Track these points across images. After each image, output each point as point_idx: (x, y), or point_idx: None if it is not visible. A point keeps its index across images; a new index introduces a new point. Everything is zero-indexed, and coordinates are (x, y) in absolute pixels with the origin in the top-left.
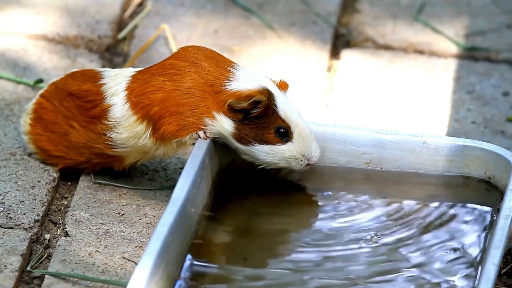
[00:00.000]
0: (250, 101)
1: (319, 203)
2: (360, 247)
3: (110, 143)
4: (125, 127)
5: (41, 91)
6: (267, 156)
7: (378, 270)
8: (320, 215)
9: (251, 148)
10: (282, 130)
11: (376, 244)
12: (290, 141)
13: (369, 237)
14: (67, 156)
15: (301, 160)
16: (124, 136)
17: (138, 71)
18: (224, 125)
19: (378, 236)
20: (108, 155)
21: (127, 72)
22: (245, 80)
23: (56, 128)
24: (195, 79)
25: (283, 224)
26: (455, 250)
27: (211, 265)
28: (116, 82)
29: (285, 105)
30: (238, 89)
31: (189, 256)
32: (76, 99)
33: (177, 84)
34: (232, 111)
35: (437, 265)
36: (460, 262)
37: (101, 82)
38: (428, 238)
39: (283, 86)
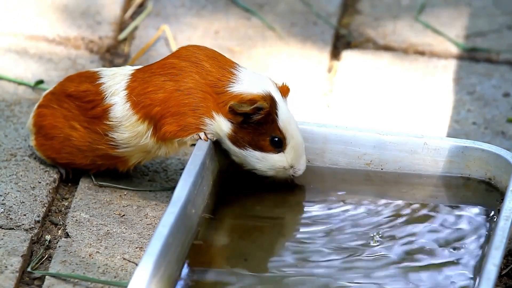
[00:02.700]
0: (252, 106)
1: (320, 204)
2: (361, 247)
3: (113, 144)
4: (127, 126)
5: (37, 103)
6: (258, 162)
7: (379, 269)
8: (321, 216)
9: (244, 152)
10: (278, 140)
11: (378, 244)
12: (283, 151)
13: (370, 236)
14: (73, 162)
15: (288, 171)
16: (126, 136)
17: (138, 70)
18: (221, 126)
19: (380, 235)
20: (112, 156)
21: (126, 71)
22: (248, 83)
23: (57, 133)
24: (196, 79)
25: (284, 224)
26: (455, 250)
27: (211, 266)
28: (115, 81)
29: (285, 116)
30: (241, 92)
31: (189, 257)
32: (75, 100)
33: (178, 84)
34: (232, 113)
35: (437, 265)
36: (461, 262)
37: (99, 81)
38: (428, 238)
39: (284, 90)
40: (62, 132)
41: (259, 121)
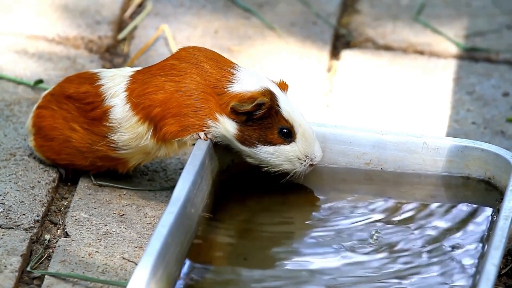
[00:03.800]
0: (253, 104)
1: (319, 203)
2: (360, 246)
3: (113, 145)
4: (127, 128)
5: (36, 104)
6: (271, 157)
7: (378, 268)
8: (320, 215)
9: (255, 149)
10: (286, 130)
11: (377, 242)
12: (294, 141)
13: (369, 235)
14: (73, 163)
15: (304, 161)
16: (126, 138)
17: (137, 71)
18: (227, 127)
19: (379, 234)
20: (112, 158)
21: (125, 72)
22: (247, 82)
23: (56, 134)
24: (197, 81)
25: (283, 224)
26: (454, 250)
27: (211, 265)
28: (115, 83)
29: (288, 106)
30: (240, 91)
31: (189, 257)
32: (75, 101)
33: (179, 85)
34: (235, 113)
35: (436, 265)
36: (460, 262)
37: (99, 83)
38: (428, 238)
39: (283, 86)
40: (61, 133)
41: (263, 117)
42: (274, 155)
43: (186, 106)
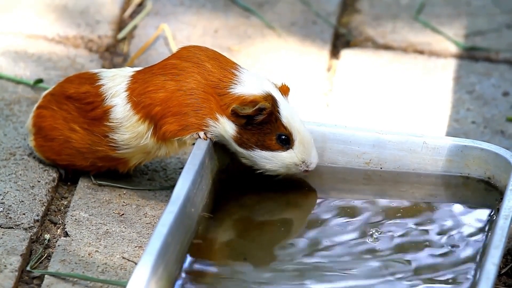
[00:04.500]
0: (254, 108)
1: (319, 203)
2: (360, 245)
3: (113, 145)
4: (127, 127)
5: (36, 104)
6: (267, 162)
7: (378, 267)
8: (320, 215)
9: (252, 152)
10: (284, 137)
11: (377, 241)
12: (291, 148)
13: (369, 234)
14: (73, 164)
15: (300, 166)
16: (127, 137)
17: (138, 71)
18: (226, 128)
19: (379, 233)
20: (112, 158)
21: (126, 72)
22: (249, 84)
23: (56, 135)
24: (198, 80)
25: (283, 223)
26: (454, 249)
27: (210, 265)
28: (115, 83)
29: (288, 112)
30: (242, 93)
31: (189, 256)
32: (75, 102)
33: (180, 84)
34: (235, 115)
35: (436, 264)
36: (460, 261)
37: (99, 83)
38: (428, 237)
39: (284, 89)
40: (61, 134)
41: (262, 121)
42: (271, 160)
43: (187, 105)
